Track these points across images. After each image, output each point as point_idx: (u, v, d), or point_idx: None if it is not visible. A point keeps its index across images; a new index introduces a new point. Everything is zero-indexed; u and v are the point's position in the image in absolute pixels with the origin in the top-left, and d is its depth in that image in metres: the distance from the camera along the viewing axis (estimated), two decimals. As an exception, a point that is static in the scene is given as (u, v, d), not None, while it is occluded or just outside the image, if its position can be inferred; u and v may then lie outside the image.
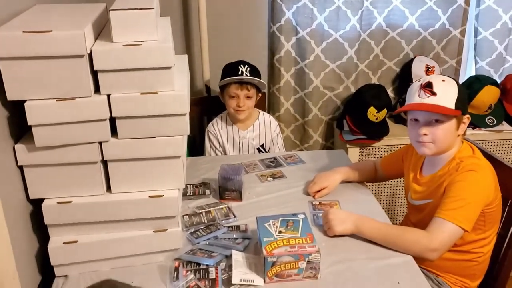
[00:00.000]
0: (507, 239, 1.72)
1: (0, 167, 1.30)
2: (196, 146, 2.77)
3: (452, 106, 1.58)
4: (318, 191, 1.89)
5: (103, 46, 1.33)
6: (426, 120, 1.61)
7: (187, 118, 1.45)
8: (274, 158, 2.28)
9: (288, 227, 1.50)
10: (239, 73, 2.31)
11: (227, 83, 2.34)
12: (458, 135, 1.65)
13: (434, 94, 1.58)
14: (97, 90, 1.37)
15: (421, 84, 1.61)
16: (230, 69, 2.36)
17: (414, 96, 1.61)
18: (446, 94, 1.59)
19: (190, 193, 1.94)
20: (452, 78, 1.67)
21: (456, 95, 1.59)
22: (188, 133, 1.48)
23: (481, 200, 1.56)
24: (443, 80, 1.61)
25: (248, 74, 2.32)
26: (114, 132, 1.42)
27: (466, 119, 1.65)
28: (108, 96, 1.36)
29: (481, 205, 1.56)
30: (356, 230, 1.61)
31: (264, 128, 2.48)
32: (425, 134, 1.61)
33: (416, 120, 1.65)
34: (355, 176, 1.98)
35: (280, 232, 1.48)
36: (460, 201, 1.53)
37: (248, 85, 2.34)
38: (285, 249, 1.41)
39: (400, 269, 1.48)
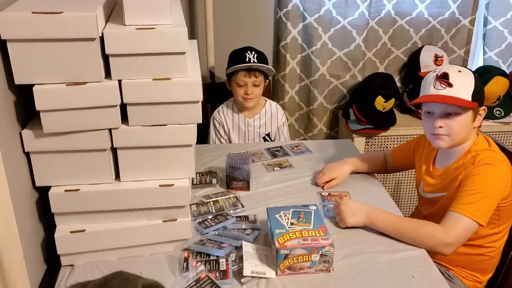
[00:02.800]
0: (519, 233, 1.70)
1: (6, 153, 1.25)
2: (199, 133, 2.71)
3: (469, 98, 1.54)
4: (327, 182, 1.86)
5: (115, 29, 1.28)
6: (442, 112, 1.57)
7: (200, 105, 1.41)
8: (280, 147, 2.24)
9: (300, 219, 1.47)
10: (247, 60, 2.26)
11: (235, 71, 2.29)
12: (474, 127, 1.62)
13: (450, 85, 1.54)
14: (108, 75, 1.33)
15: (437, 75, 1.57)
16: (237, 56, 2.30)
17: (430, 87, 1.57)
18: (463, 86, 1.55)
19: (196, 181, 1.90)
20: (469, 69, 1.63)
21: (473, 87, 1.55)
22: (201, 121, 1.43)
23: (497, 194, 1.53)
24: (460, 71, 1.57)
25: (256, 61, 2.27)
26: (124, 118, 1.38)
27: (483, 111, 1.62)
28: (120, 81, 1.32)
29: (497, 199, 1.53)
30: (368, 222, 1.58)
31: (270, 117, 2.43)
32: (440, 127, 1.57)
33: (431, 112, 1.61)
34: (365, 167, 1.95)
35: (292, 223, 1.45)
36: (477, 195, 1.50)
37: (256, 72, 2.29)
38: (298, 241, 1.38)
39: (414, 263, 1.46)
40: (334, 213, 1.65)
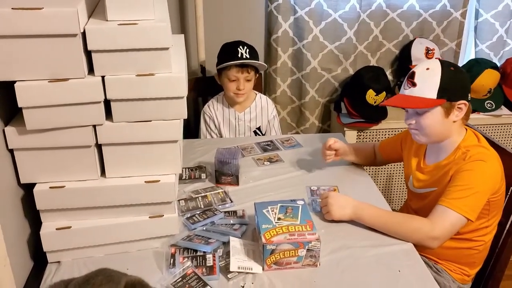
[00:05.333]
0: (507, 227, 1.69)
1: (-11, 151, 1.25)
2: (190, 128, 2.72)
3: (434, 96, 1.54)
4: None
5: (97, 25, 1.27)
6: (412, 110, 1.62)
7: (184, 101, 1.40)
8: (271, 141, 2.23)
9: (287, 214, 1.47)
10: (239, 55, 2.25)
11: (226, 66, 2.27)
12: (455, 122, 1.60)
13: (414, 85, 1.57)
14: (91, 71, 1.32)
15: (408, 74, 1.60)
16: (229, 51, 2.29)
17: (402, 86, 1.62)
18: (427, 84, 1.55)
19: (185, 177, 1.90)
20: (441, 63, 1.58)
21: (439, 84, 1.54)
22: (186, 116, 1.43)
23: (488, 190, 1.53)
24: (427, 69, 1.57)
25: (248, 56, 2.26)
26: (108, 115, 1.37)
27: (463, 105, 1.58)
28: (103, 77, 1.31)
29: (487, 194, 1.53)
30: (355, 217, 1.58)
31: (261, 110, 2.43)
32: (410, 124, 1.62)
33: (405, 109, 1.66)
34: (353, 154, 1.96)
35: (279, 219, 1.45)
36: (467, 190, 1.50)
37: (249, 67, 2.28)
38: (285, 236, 1.38)
39: (401, 257, 1.46)
40: (320, 204, 1.65)
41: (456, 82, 1.58)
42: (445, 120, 1.58)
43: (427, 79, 1.55)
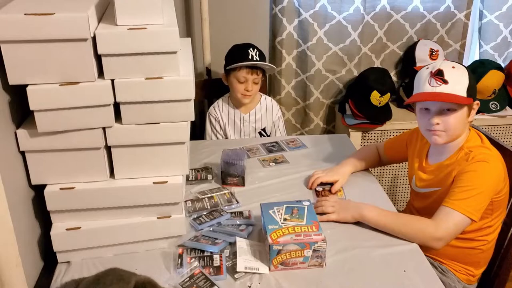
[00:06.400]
0: (512, 227, 1.71)
1: (1, 153, 1.27)
2: (196, 129, 2.74)
3: (464, 94, 1.55)
4: (329, 185, 1.84)
5: (107, 29, 1.29)
6: (438, 109, 1.58)
7: (192, 103, 1.42)
8: (276, 142, 2.25)
9: (293, 215, 1.49)
10: (249, 57, 2.27)
11: (236, 67, 2.29)
12: (468, 122, 1.63)
13: (446, 82, 1.54)
14: (101, 74, 1.34)
15: (431, 72, 1.57)
16: (240, 53, 2.31)
17: (425, 84, 1.57)
18: (458, 82, 1.55)
19: (192, 177, 1.92)
20: (461, 65, 1.64)
21: (468, 82, 1.56)
22: (193, 118, 1.45)
23: (491, 190, 1.55)
24: (453, 67, 1.58)
25: (258, 59, 2.29)
26: (118, 117, 1.39)
27: (476, 105, 1.62)
28: (112, 81, 1.33)
29: (490, 195, 1.55)
30: (360, 218, 1.59)
31: (266, 112, 2.45)
32: (437, 124, 1.58)
33: (426, 109, 1.61)
34: (362, 165, 1.95)
35: (285, 219, 1.47)
36: (470, 191, 1.51)
37: (258, 70, 2.31)
38: (291, 237, 1.40)
39: (406, 257, 1.48)
40: (326, 204, 1.65)
41: (475, 83, 1.62)
42: (466, 120, 1.60)
43: (457, 78, 1.56)
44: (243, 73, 2.29)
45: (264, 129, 2.47)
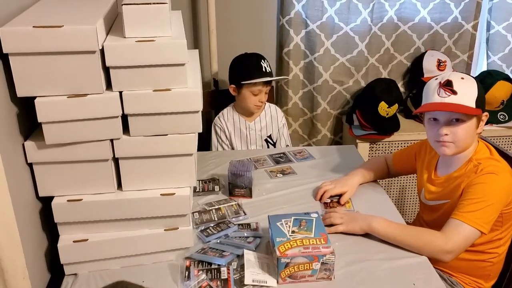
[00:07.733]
0: (522, 240, 1.69)
1: (9, 164, 1.27)
2: (202, 140, 2.73)
3: (473, 105, 1.54)
4: (338, 196, 1.83)
5: (115, 41, 1.30)
6: (447, 120, 1.57)
7: (200, 115, 1.42)
8: (283, 153, 2.25)
9: (301, 227, 1.48)
10: (263, 70, 2.30)
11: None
12: (478, 133, 1.62)
13: (454, 93, 1.53)
14: (109, 86, 1.34)
15: (440, 82, 1.57)
16: (254, 66, 2.31)
17: (434, 95, 1.57)
18: (467, 93, 1.55)
19: (199, 189, 1.91)
20: (470, 76, 1.63)
21: (477, 93, 1.55)
22: (201, 130, 1.45)
23: (500, 202, 1.53)
24: (462, 78, 1.57)
25: (270, 70, 2.33)
26: (125, 129, 1.39)
27: (485, 116, 1.62)
28: (120, 93, 1.33)
29: (500, 207, 1.54)
30: (369, 229, 1.58)
31: (270, 119, 2.46)
32: (446, 134, 1.57)
33: (435, 119, 1.60)
34: (371, 176, 1.94)
35: (293, 232, 1.46)
36: (480, 203, 1.50)
37: (270, 81, 2.36)
38: (299, 250, 1.38)
39: (415, 270, 1.46)
40: (334, 215, 1.64)
41: (483, 94, 1.61)
42: (475, 131, 1.59)
43: (466, 88, 1.55)
44: (258, 87, 2.31)
45: (270, 136, 2.47)
